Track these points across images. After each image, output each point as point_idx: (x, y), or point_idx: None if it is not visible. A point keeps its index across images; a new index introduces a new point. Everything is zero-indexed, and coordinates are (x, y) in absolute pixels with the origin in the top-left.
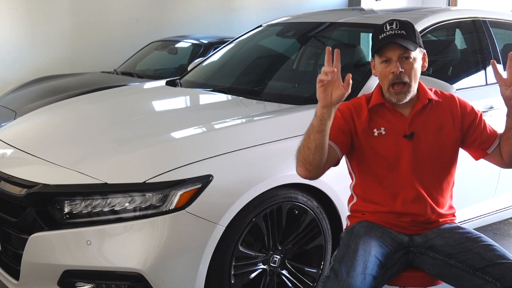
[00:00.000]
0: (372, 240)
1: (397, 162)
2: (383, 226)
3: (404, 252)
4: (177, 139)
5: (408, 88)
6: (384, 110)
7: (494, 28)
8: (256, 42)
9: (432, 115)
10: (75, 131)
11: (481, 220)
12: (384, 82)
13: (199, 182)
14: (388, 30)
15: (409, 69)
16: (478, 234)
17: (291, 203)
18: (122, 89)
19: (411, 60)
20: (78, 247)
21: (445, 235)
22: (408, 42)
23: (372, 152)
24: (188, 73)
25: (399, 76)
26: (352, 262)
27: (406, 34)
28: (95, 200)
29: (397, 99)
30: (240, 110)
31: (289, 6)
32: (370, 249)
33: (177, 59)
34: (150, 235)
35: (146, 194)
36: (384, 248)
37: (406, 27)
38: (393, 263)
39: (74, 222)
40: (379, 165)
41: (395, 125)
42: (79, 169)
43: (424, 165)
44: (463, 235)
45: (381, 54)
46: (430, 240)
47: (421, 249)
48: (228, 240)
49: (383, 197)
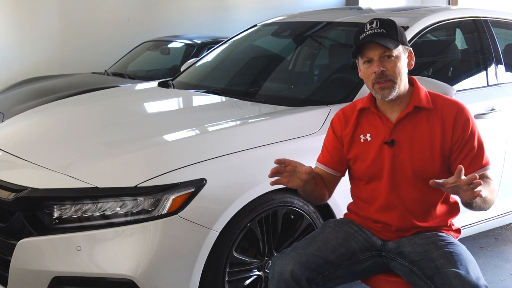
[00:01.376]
0: (340, 232)
1: (378, 169)
2: (360, 225)
3: (375, 254)
4: (169, 142)
5: (393, 84)
6: (372, 115)
7: (496, 27)
8: (250, 42)
9: (421, 123)
10: (64, 134)
11: (482, 225)
12: (368, 82)
13: (192, 186)
14: (368, 29)
15: (392, 67)
16: (451, 241)
17: (286, 208)
18: (113, 91)
19: (393, 58)
20: (68, 253)
21: (416, 242)
22: (388, 41)
23: (357, 159)
24: (181, 74)
25: (381, 74)
26: (307, 242)
27: (387, 32)
28: (86, 205)
29: (382, 95)
30: (234, 112)
31: (285, 5)
32: (333, 237)
33: (170, 60)
34: (142, 240)
35: (138, 199)
36: (353, 243)
37: (387, 25)
38: (360, 260)
39: (63, 227)
40: (363, 172)
41: (379, 130)
42: (69, 172)
43: (404, 175)
44: (433, 242)
45: (362, 54)
46: (401, 247)
47: (392, 255)
48: (222, 245)
49: (364, 202)
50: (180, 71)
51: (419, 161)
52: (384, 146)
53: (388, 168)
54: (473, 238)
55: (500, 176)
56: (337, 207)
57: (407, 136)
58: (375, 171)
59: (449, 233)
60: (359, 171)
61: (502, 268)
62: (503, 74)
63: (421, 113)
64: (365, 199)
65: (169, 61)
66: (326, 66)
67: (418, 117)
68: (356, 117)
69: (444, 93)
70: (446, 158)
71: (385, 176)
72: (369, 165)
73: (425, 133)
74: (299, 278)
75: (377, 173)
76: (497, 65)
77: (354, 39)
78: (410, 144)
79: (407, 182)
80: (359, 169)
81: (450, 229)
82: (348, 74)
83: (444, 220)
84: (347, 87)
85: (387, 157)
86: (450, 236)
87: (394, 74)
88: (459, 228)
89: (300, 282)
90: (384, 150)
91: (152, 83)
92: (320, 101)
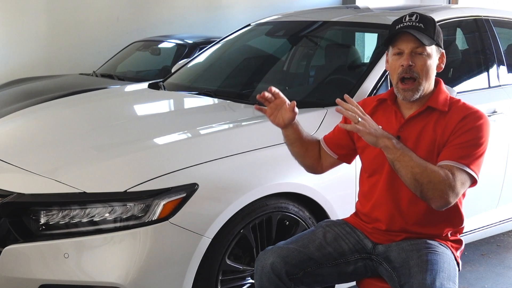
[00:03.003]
0: (330, 232)
1: (380, 163)
2: (354, 227)
3: (366, 256)
4: (160, 145)
5: (418, 86)
6: (389, 108)
7: (498, 27)
8: (244, 42)
9: (429, 125)
10: (51, 137)
11: (483, 232)
12: (394, 75)
13: (183, 191)
14: (407, 21)
15: (421, 65)
16: (435, 250)
17: (281, 214)
18: (102, 92)
19: (425, 55)
20: (55, 260)
21: (404, 248)
22: (423, 36)
23: (366, 149)
24: (172, 75)
25: (408, 70)
26: (293, 239)
27: (424, 28)
28: (73, 210)
29: (403, 96)
30: (227, 115)
31: (280, 4)
32: (321, 236)
33: (160, 60)
34: (131, 247)
35: (127, 204)
36: (343, 244)
37: (426, 21)
38: (349, 261)
39: (50, 233)
40: (368, 163)
41: (391, 125)
42: (56, 177)
43: None
44: (417, 249)
45: (394, 45)
46: (388, 251)
47: (380, 259)
48: (214, 252)
49: (364, 197)
50: (171, 72)
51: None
52: None
53: (388, 165)
54: (474, 245)
55: (502, 181)
56: (333, 212)
57: (414, 135)
58: (377, 165)
59: (446, 243)
60: (365, 162)
61: (504, 276)
62: (505, 75)
63: (432, 114)
64: (365, 194)
65: (159, 62)
66: (322, 67)
67: (429, 118)
68: (374, 107)
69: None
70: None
71: (385, 172)
72: (373, 157)
73: (430, 135)
74: (279, 271)
75: (379, 168)
76: (499, 66)
77: (390, 28)
78: (415, 144)
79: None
80: (365, 160)
81: (446, 239)
82: (345, 75)
83: (440, 229)
84: (344, 89)
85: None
86: (441, 245)
87: (422, 72)
88: (459, 239)
89: (280, 276)
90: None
91: (142, 84)
92: (316, 103)
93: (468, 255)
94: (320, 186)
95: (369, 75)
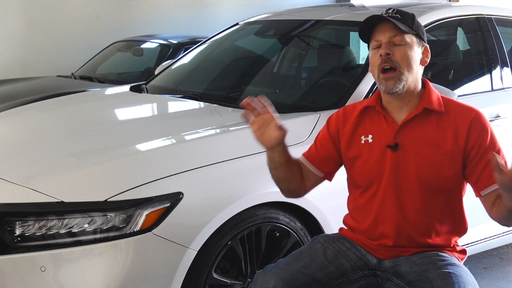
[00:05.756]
0: (330, 248)
1: (378, 175)
2: (354, 242)
3: (369, 273)
4: (143, 152)
5: (399, 75)
6: (376, 114)
7: (501, 26)
8: (232, 42)
9: (430, 127)
10: (27, 143)
11: (486, 243)
12: (374, 69)
13: (167, 201)
14: (383, 14)
15: (401, 54)
16: (452, 262)
17: (271, 224)
18: (81, 96)
19: (403, 44)
20: (31, 273)
21: (415, 261)
22: (400, 24)
23: (356, 161)
24: (155, 77)
25: (387, 59)
26: (293, 258)
27: (401, 18)
28: (50, 221)
29: (385, 86)
30: (214, 119)
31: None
32: (321, 253)
33: (143, 62)
34: (112, 260)
35: (108, 214)
36: (344, 261)
37: (404, 13)
38: (351, 279)
39: (26, 245)
40: (361, 177)
41: (383, 132)
42: (32, 185)
43: (407, 183)
44: (432, 262)
45: (372, 37)
46: (397, 266)
47: (388, 274)
48: (200, 266)
49: (360, 212)
50: (154, 74)
51: (425, 168)
52: (387, 150)
53: (389, 175)
54: (477, 257)
55: None
56: (327, 223)
57: (413, 141)
58: (374, 177)
59: (453, 253)
60: (356, 176)
61: None
62: (509, 77)
63: (431, 116)
64: (361, 210)
65: (142, 63)
66: (315, 68)
67: (427, 120)
68: (357, 115)
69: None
70: (457, 168)
71: (384, 183)
72: (368, 170)
73: (434, 138)
74: None
75: (376, 180)
76: (503, 67)
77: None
78: (416, 150)
79: (411, 191)
80: (357, 174)
81: (453, 250)
82: (339, 78)
83: (448, 239)
84: (338, 92)
85: (389, 162)
86: (453, 257)
87: (402, 62)
88: (464, 249)
89: None
90: (387, 154)
91: (124, 87)
92: (308, 107)
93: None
94: (312, 195)
95: (365, 77)
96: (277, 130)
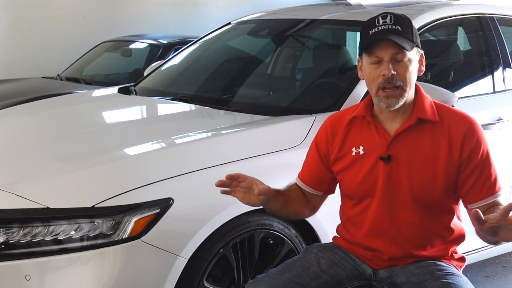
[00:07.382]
0: (324, 258)
1: (370, 188)
2: (348, 252)
3: (365, 283)
4: (131, 156)
5: (402, 93)
6: (366, 124)
7: (504, 26)
8: (224, 42)
9: (424, 138)
10: (11, 147)
11: (487, 251)
12: (372, 85)
13: (157, 207)
14: (381, 24)
15: (403, 72)
16: (451, 271)
17: (265, 231)
18: (67, 98)
19: (406, 61)
20: (16, 282)
21: (412, 271)
22: (404, 40)
23: (347, 174)
24: (144, 79)
25: (391, 79)
26: (285, 267)
27: (402, 30)
28: (36, 228)
29: (387, 104)
30: (205, 122)
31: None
32: (315, 263)
33: (132, 63)
34: (99, 268)
35: (95, 221)
36: (339, 270)
37: (402, 22)
38: None
39: (10, 253)
40: (353, 190)
41: (375, 143)
42: (16, 191)
43: (401, 197)
44: (430, 272)
45: (370, 52)
46: (394, 276)
47: (383, 285)
48: (191, 274)
49: (353, 224)
50: (143, 76)
51: (419, 181)
52: (379, 162)
53: (382, 188)
54: (478, 265)
55: (509, 195)
56: (322, 230)
57: (406, 152)
58: (367, 190)
59: (451, 262)
60: (348, 189)
61: None
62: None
63: (425, 127)
64: (354, 222)
65: (130, 64)
66: (310, 69)
67: (421, 131)
68: (345, 127)
69: (445, 100)
70: (451, 181)
71: (377, 197)
72: (360, 183)
73: (428, 150)
74: None
75: (369, 193)
76: (505, 68)
77: (361, 33)
78: (410, 162)
79: (404, 205)
80: (348, 187)
81: (451, 258)
82: (335, 79)
83: (445, 249)
84: (333, 94)
85: (382, 175)
86: (451, 266)
87: (405, 80)
88: (462, 256)
89: None
90: (379, 167)
91: (112, 89)
92: (303, 109)
93: (471, 277)
94: None
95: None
96: (259, 196)
